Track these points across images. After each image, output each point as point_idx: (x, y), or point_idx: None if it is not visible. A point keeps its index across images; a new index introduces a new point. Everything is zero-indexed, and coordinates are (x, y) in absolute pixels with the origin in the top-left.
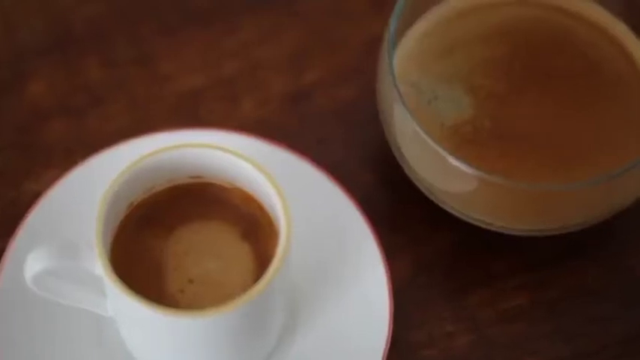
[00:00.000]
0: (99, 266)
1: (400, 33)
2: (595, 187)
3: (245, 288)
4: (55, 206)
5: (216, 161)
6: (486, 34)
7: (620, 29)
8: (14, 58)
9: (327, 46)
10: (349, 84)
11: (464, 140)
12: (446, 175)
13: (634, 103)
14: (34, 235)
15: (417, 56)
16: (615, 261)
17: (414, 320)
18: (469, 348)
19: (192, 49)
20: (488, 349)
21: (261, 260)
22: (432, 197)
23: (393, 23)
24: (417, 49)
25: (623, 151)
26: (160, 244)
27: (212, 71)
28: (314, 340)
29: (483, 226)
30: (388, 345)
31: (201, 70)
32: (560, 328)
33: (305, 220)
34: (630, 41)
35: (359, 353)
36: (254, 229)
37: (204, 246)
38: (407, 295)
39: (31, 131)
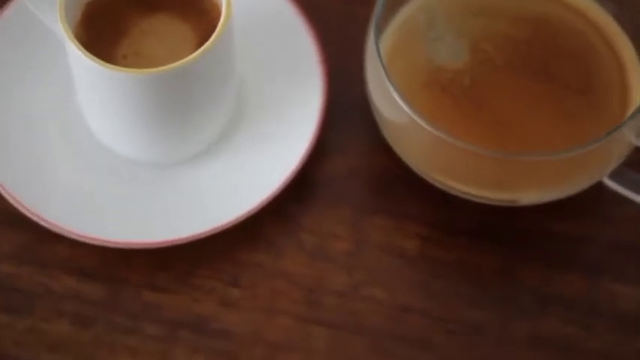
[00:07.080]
0: None
1: None
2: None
3: None
4: None
5: None
6: (517, 15)
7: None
8: None
9: None
10: None
11: (436, 83)
12: (386, 104)
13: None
14: None
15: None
16: (515, 265)
17: (316, 209)
18: (340, 254)
19: None
20: (353, 264)
21: None
22: (378, 122)
23: None
24: None
25: None
26: (132, 16)
27: None
28: (253, 133)
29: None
30: (312, 147)
31: None
32: (425, 286)
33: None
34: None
35: (284, 151)
36: None
37: (166, 36)
38: (326, 188)
39: None
